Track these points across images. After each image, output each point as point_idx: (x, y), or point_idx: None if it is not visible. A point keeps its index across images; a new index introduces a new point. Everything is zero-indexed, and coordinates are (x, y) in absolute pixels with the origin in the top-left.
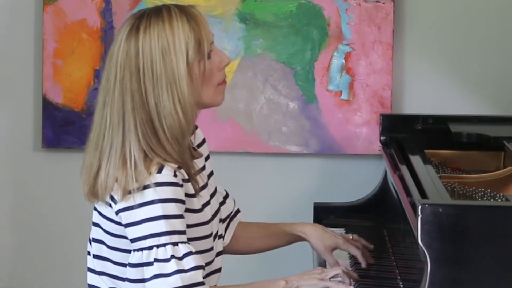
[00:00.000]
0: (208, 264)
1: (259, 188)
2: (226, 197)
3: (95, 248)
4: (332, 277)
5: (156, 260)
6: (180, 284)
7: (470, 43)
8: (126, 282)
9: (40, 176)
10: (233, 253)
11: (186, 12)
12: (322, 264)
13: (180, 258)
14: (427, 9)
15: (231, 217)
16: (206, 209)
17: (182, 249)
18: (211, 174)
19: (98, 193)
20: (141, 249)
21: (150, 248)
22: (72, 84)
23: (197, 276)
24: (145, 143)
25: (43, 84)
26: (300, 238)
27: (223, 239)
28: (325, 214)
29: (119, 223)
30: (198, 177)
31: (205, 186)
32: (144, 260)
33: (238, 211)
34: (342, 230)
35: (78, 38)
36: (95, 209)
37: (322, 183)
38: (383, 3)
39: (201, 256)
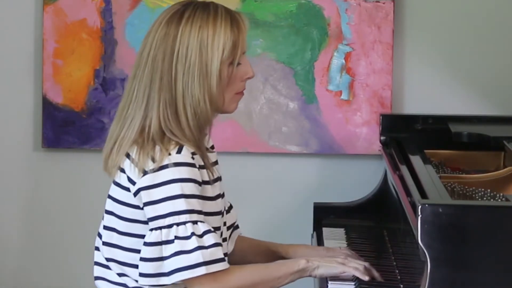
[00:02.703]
0: None
1: (259, 188)
2: (230, 207)
3: (106, 236)
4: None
5: (176, 237)
6: (201, 260)
7: (470, 43)
8: (141, 262)
9: (40, 176)
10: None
11: (231, 15)
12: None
13: (200, 236)
14: (427, 9)
15: (234, 227)
16: (219, 200)
17: (201, 227)
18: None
19: (110, 165)
20: (160, 228)
21: (169, 226)
22: (72, 84)
23: (218, 252)
24: (164, 123)
25: (43, 84)
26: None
27: (228, 245)
28: (325, 214)
29: (135, 206)
30: (212, 168)
31: (219, 179)
32: (163, 238)
33: (238, 226)
34: (342, 230)
35: (78, 38)
36: (109, 196)
37: (322, 183)
38: (383, 3)
39: None
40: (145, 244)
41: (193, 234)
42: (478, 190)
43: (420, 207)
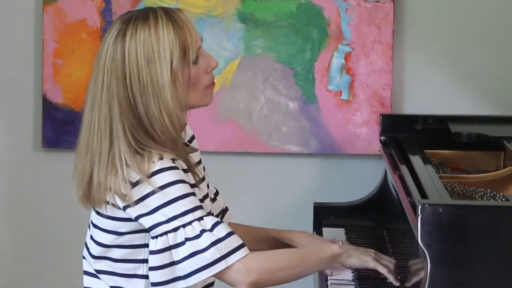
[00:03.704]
0: None
1: (259, 188)
2: (216, 194)
3: (94, 249)
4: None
5: (187, 239)
6: (218, 255)
7: (470, 43)
8: (151, 272)
9: (40, 176)
10: None
11: (172, 18)
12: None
13: (210, 230)
14: (427, 9)
15: (223, 211)
16: (206, 201)
17: (208, 221)
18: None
19: (94, 199)
20: (166, 233)
21: (175, 229)
22: (72, 84)
23: (233, 241)
24: (139, 144)
25: (43, 84)
26: (287, 245)
27: None
28: (325, 214)
29: (126, 219)
30: (196, 170)
31: (203, 179)
32: (171, 243)
33: (227, 208)
34: (342, 230)
35: (78, 38)
36: (95, 210)
37: (322, 183)
38: (383, 3)
39: None
40: (152, 252)
41: (202, 231)
42: (478, 190)
43: (420, 207)
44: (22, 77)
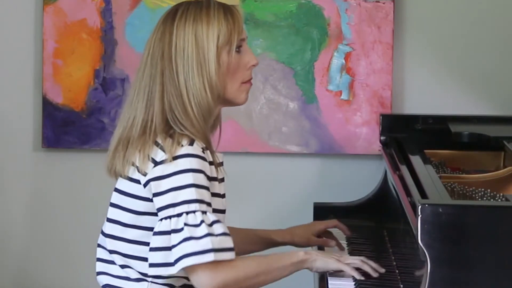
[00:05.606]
0: None
1: (259, 188)
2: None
3: (109, 228)
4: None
5: (186, 224)
6: (210, 247)
7: (470, 43)
8: (150, 252)
9: (40, 176)
10: None
11: (224, 6)
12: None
13: (210, 225)
14: (427, 9)
15: None
16: (224, 200)
17: (210, 217)
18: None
19: (117, 164)
20: (170, 217)
21: (179, 215)
22: (72, 84)
23: (227, 241)
24: (172, 115)
25: (43, 84)
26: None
27: None
28: (325, 214)
29: (145, 199)
30: (219, 169)
31: (223, 179)
32: (173, 227)
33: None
34: None
35: (78, 38)
36: (116, 190)
37: (322, 183)
38: (383, 3)
39: None
40: (154, 233)
41: (202, 222)
42: (478, 190)
43: (420, 207)
44: (22, 77)
